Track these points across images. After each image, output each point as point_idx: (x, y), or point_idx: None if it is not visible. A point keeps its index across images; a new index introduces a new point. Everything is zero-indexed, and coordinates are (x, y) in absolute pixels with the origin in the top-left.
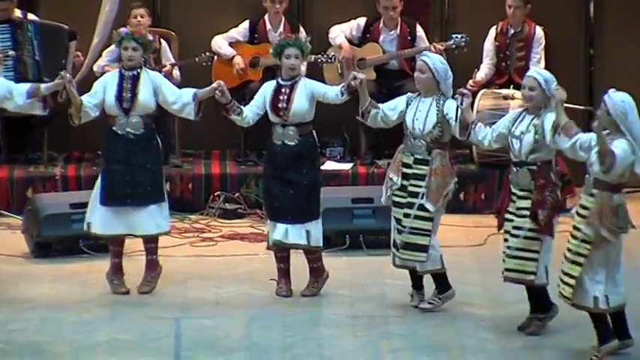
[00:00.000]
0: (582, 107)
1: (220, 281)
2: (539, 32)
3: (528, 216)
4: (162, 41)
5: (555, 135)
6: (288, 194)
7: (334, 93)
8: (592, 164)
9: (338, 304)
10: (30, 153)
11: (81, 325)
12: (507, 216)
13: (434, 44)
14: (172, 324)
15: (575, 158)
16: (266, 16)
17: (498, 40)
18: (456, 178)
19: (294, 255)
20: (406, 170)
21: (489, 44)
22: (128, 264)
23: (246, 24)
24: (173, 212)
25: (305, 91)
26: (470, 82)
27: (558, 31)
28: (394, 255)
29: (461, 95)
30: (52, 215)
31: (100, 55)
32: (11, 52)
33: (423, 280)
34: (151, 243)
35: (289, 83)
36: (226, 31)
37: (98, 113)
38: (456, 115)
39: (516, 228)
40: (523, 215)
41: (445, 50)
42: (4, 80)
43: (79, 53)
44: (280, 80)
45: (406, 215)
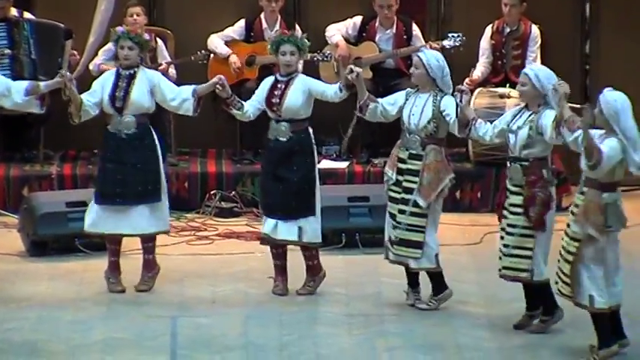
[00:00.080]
0: (579, 106)
1: (216, 280)
2: (535, 31)
3: (521, 213)
4: (158, 40)
5: (560, 128)
6: (278, 190)
7: (333, 91)
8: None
9: (334, 303)
10: (26, 151)
11: (77, 324)
12: (503, 212)
13: (430, 43)
14: (169, 322)
15: (579, 152)
16: (262, 15)
17: (494, 39)
18: (453, 174)
19: (291, 253)
20: (401, 165)
21: (485, 43)
22: (125, 263)
23: (242, 22)
24: (169, 211)
25: (301, 88)
26: (466, 81)
27: (554, 30)
28: (387, 249)
29: (460, 93)
30: (48, 214)
31: (96, 54)
32: (7, 51)
33: (419, 278)
34: (148, 242)
35: (286, 79)
36: (222, 30)
37: (98, 112)
38: (456, 113)
39: (511, 226)
40: (516, 213)
41: (441, 49)
42: (2, 77)
43: (75, 52)
44: (278, 76)
45: (401, 212)
